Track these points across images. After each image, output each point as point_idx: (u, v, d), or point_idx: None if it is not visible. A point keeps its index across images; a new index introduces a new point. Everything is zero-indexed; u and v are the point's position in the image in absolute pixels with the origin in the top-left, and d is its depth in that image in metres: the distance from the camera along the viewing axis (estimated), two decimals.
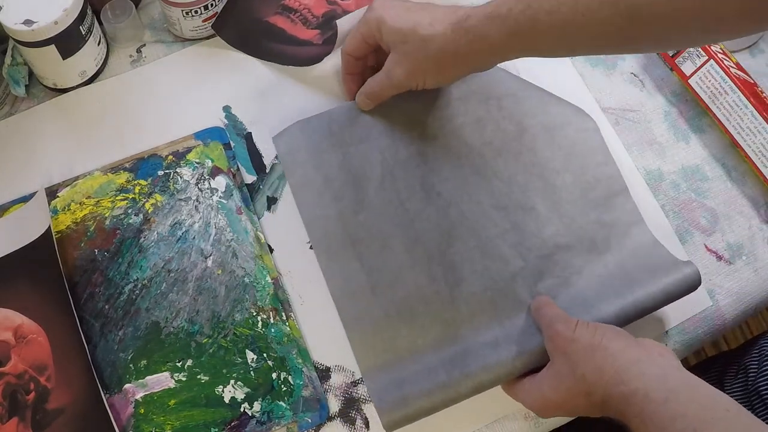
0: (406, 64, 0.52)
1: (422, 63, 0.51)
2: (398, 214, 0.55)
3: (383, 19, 0.52)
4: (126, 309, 0.52)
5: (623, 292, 0.52)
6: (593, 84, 0.64)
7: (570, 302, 0.52)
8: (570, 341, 0.45)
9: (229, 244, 0.55)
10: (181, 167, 0.57)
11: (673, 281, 0.52)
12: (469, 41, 0.48)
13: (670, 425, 0.39)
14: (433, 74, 0.52)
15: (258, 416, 0.50)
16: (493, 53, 0.49)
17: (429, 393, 0.49)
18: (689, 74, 0.62)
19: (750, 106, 0.59)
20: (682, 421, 0.38)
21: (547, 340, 0.48)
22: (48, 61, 0.57)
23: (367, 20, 0.53)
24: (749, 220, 0.60)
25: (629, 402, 0.41)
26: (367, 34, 0.54)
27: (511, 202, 0.56)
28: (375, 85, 0.56)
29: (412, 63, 0.52)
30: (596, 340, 0.44)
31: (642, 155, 0.61)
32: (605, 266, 0.54)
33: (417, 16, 0.50)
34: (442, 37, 0.49)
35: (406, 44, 0.51)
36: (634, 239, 0.55)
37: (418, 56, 0.51)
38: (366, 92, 0.57)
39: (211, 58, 0.63)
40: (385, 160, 0.56)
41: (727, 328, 0.57)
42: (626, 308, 0.51)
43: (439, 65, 0.51)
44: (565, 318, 0.47)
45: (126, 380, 0.50)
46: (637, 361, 0.43)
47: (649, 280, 0.52)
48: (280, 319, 0.53)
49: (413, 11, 0.51)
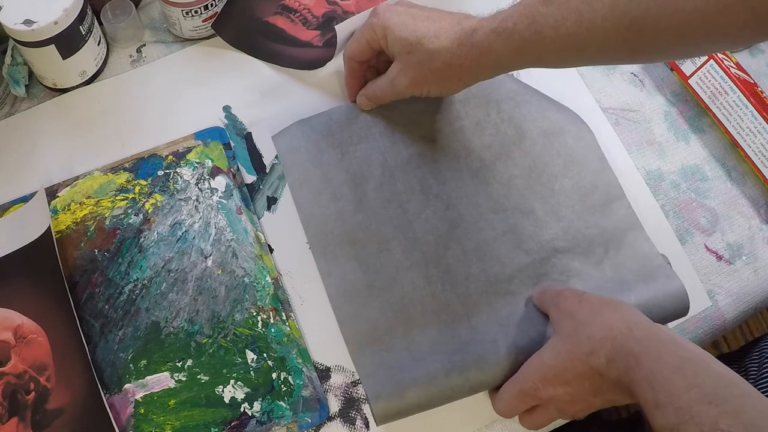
0: (410, 74, 0.52)
1: (427, 75, 0.51)
2: (397, 215, 0.55)
3: (389, 27, 0.51)
4: (126, 309, 0.52)
5: (618, 298, 0.52)
6: (593, 84, 0.64)
7: None
8: (578, 301, 0.46)
9: (229, 244, 0.55)
10: (181, 167, 0.57)
11: (663, 295, 0.52)
12: (475, 56, 0.48)
13: (684, 394, 0.37)
14: (438, 86, 0.52)
15: (258, 416, 0.50)
16: (499, 67, 0.49)
17: (425, 391, 0.49)
18: (689, 74, 0.62)
19: (750, 106, 0.59)
20: (698, 392, 0.36)
21: (552, 309, 0.48)
22: (48, 61, 0.57)
23: (372, 26, 0.53)
24: (749, 220, 0.60)
25: (639, 362, 0.39)
26: (372, 40, 0.54)
27: (509, 204, 0.56)
28: (377, 90, 0.56)
29: (417, 74, 0.52)
30: (606, 300, 0.46)
31: (642, 155, 0.61)
32: (602, 271, 0.54)
33: (423, 25, 0.50)
34: (448, 51, 0.49)
35: (411, 55, 0.51)
36: (631, 245, 0.55)
37: (423, 68, 0.51)
38: (367, 95, 0.57)
39: (211, 58, 0.63)
40: (385, 161, 0.56)
41: (727, 328, 0.57)
42: None
43: (444, 78, 0.51)
44: (572, 289, 0.49)
45: (126, 380, 0.50)
46: (650, 324, 0.42)
47: (642, 288, 0.52)
48: (280, 319, 0.53)
49: (419, 19, 0.51)
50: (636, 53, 0.45)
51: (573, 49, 0.45)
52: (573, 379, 0.44)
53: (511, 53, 0.47)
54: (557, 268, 0.54)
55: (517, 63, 0.48)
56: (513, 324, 0.51)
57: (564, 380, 0.44)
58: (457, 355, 0.50)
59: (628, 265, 0.54)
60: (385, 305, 0.52)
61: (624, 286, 0.53)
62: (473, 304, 0.52)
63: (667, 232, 0.58)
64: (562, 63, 0.49)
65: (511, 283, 0.53)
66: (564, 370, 0.44)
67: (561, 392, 0.45)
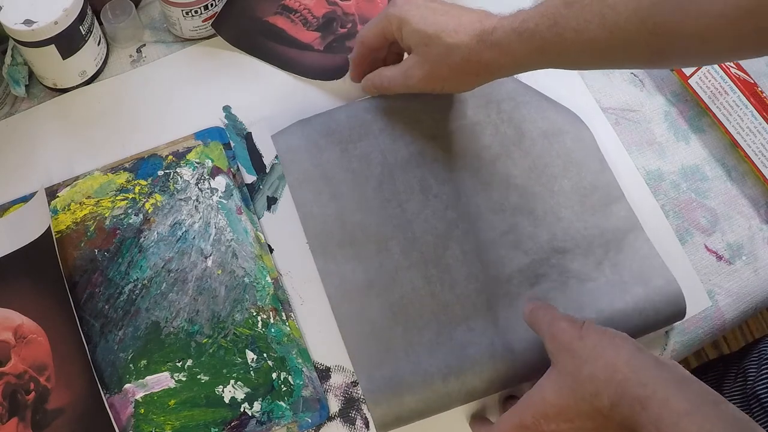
0: (426, 67, 0.51)
1: (443, 70, 0.50)
2: (396, 214, 0.55)
3: (407, 19, 0.50)
4: (126, 309, 0.52)
5: (616, 300, 0.52)
6: (593, 84, 0.64)
7: (565, 306, 0.52)
8: (577, 337, 0.43)
9: (229, 244, 0.55)
10: (181, 167, 0.57)
11: (660, 299, 0.52)
12: (494, 55, 0.48)
13: None
14: (453, 82, 0.52)
15: (258, 416, 0.50)
16: (517, 67, 0.49)
17: (423, 396, 0.49)
18: (689, 74, 0.62)
19: (750, 106, 0.59)
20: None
21: (549, 339, 0.45)
22: (48, 61, 0.57)
23: (388, 16, 0.52)
24: (749, 220, 0.60)
25: (645, 407, 0.38)
26: (387, 30, 0.53)
27: (508, 205, 0.56)
28: (386, 79, 0.55)
29: (433, 68, 0.51)
30: (607, 337, 0.42)
31: (642, 155, 0.61)
32: (601, 271, 0.54)
33: (442, 20, 0.49)
34: (467, 47, 0.48)
35: (429, 48, 0.50)
36: (630, 246, 0.55)
37: (440, 63, 0.50)
38: (376, 84, 0.56)
39: (211, 58, 0.63)
40: (385, 159, 0.56)
41: (726, 328, 0.57)
42: (617, 317, 0.51)
43: (460, 74, 0.50)
44: (569, 317, 0.46)
45: (126, 380, 0.50)
46: (655, 364, 0.40)
47: (639, 291, 0.52)
48: (280, 319, 0.53)
49: (439, 13, 0.50)
50: (658, 57, 0.44)
51: (594, 51, 0.45)
52: (576, 417, 0.42)
53: (531, 53, 0.46)
54: (556, 269, 0.54)
55: (536, 63, 0.48)
56: (510, 327, 0.51)
57: (567, 418, 0.43)
58: (454, 358, 0.50)
59: (627, 266, 0.54)
60: (385, 305, 0.52)
61: (622, 288, 0.52)
62: (471, 304, 0.52)
63: (667, 232, 0.58)
64: (581, 65, 0.49)
65: (510, 283, 0.53)
66: (567, 408, 0.42)
67: (564, 428, 0.43)
